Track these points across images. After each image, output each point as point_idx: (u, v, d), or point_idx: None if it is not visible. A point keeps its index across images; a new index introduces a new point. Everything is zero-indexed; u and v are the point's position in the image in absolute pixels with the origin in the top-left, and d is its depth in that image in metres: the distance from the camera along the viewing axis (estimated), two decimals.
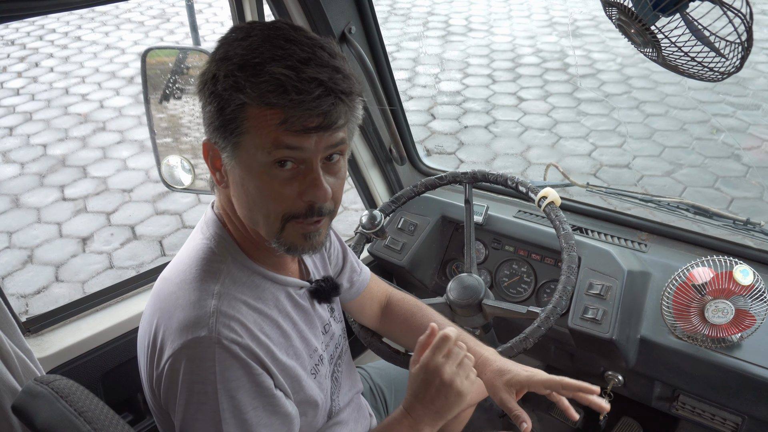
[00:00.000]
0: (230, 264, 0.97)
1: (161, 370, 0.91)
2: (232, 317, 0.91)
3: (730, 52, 1.02)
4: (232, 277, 0.96)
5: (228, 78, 0.84)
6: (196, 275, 0.95)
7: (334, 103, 0.84)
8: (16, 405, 1.02)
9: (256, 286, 0.98)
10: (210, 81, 0.87)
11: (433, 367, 1.03)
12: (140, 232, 3.94)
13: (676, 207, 1.70)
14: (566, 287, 1.28)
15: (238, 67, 0.84)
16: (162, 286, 0.99)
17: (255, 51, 0.84)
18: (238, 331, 0.91)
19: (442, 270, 1.86)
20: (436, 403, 1.03)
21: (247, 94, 0.83)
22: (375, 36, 1.73)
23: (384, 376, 1.58)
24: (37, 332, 1.46)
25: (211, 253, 0.97)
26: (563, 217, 1.38)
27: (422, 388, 1.04)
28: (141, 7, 8.19)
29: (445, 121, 5.21)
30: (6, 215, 4.14)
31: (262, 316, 0.96)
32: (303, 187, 0.89)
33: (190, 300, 0.92)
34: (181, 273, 0.96)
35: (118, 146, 4.98)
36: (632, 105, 5.21)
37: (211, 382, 0.87)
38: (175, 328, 0.91)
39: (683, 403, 1.58)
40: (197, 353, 0.88)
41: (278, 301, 1.01)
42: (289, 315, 1.02)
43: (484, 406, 2.20)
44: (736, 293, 1.35)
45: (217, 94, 0.86)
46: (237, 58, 0.84)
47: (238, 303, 0.93)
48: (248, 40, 0.86)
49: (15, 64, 6.65)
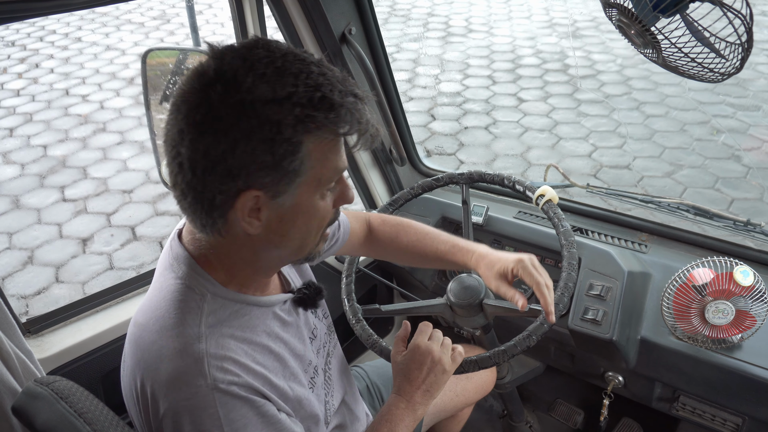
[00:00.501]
0: (210, 300, 0.91)
1: (159, 423, 0.87)
2: (223, 357, 0.87)
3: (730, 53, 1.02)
4: (214, 314, 0.91)
5: (299, 120, 0.79)
6: (176, 320, 0.89)
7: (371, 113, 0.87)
8: (16, 406, 1.01)
9: (242, 315, 0.94)
10: (265, 127, 0.78)
11: (425, 348, 1.16)
12: (140, 233, 3.94)
13: (676, 208, 1.70)
14: (567, 284, 1.28)
15: (306, 107, 0.79)
16: (139, 333, 0.92)
17: (308, 84, 0.79)
18: (232, 370, 0.87)
19: (442, 270, 1.86)
20: (427, 381, 1.15)
21: (325, 130, 0.81)
22: (375, 37, 1.73)
23: (381, 374, 1.58)
24: (38, 333, 1.46)
25: (187, 292, 0.91)
26: (562, 215, 1.38)
27: (414, 369, 1.15)
28: (141, 8, 8.20)
29: (445, 122, 5.21)
30: (6, 216, 4.14)
31: (252, 346, 0.93)
32: (338, 196, 0.93)
33: (176, 348, 0.87)
34: (160, 319, 0.90)
35: (119, 147, 4.99)
36: (632, 106, 5.21)
37: (218, 427, 0.85)
38: (165, 380, 0.86)
39: (683, 403, 1.57)
40: (197, 404, 0.85)
41: (266, 326, 0.98)
42: (280, 337, 1.00)
43: (485, 406, 2.20)
44: (737, 294, 1.35)
45: (285, 140, 0.79)
46: (297, 97, 0.78)
47: (224, 339, 0.89)
48: (285, 72, 0.79)
49: (15, 65, 6.65)
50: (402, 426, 1.12)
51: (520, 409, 1.95)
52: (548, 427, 2.10)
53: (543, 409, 2.14)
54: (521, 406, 1.95)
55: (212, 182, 0.81)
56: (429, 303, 1.43)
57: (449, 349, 1.19)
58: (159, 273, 0.98)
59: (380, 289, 2.19)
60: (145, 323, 0.92)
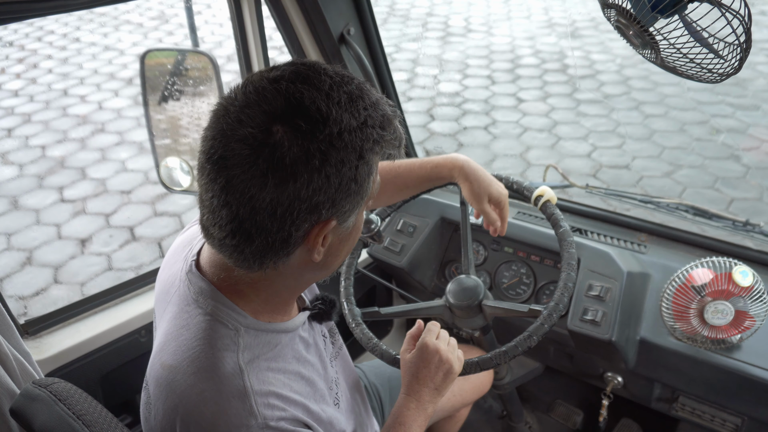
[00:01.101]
0: (243, 334, 0.88)
1: None
2: (267, 393, 0.85)
3: (729, 54, 1.02)
4: (249, 349, 0.87)
5: (377, 143, 0.80)
6: (214, 360, 0.84)
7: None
8: (14, 408, 1.01)
9: (273, 345, 0.91)
10: (354, 155, 0.77)
11: (433, 347, 1.17)
12: (139, 234, 3.93)
13: (675, 208, 1.70)
14: (567, 284, 1.27)
15: (380, 128, 0.80)
16: (172, 377, 0.86)
17: (375, 107, 0.81)
18: (278, 405, 0.85)
19: (441, 271, 1.86)
20: (435, 379, 1.16)
21: (392, 146, 0.84)
22: (374, 37, 1.73)
23: (379, 375, 1.58)
24: (36, 334, 1.46)
25: (219, 328, 0.87)
26: (560, 215, 1.37)
27: (422, 368, 1.16)
28: (140, 8, 8.19)
29: (445, 122, 5.21)
30: (5, 217, 4.14)
31: (287, 375, 0.91)
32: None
33: (219, 390, 0.83)
34: (195, 360, 0.85)
35: (117, 148, 4.98)
36: (631, 106, 5.21)
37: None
38: (212, 424, 0.82)
39: (683, 404, 1.57)
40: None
41: (294, 351, 0.96)
42: (306, 360, 0.98)
43: (484, 407, 2.20)
44: (736, 294, 1.35)
45: (365, 162, 0.79)
46: (372, 121, 0.79)
47: (263, 373, 0.86)
48: (355, 98, 0.79)
49: (13, 66, 6.64)
50: (415, 426, 1.13)
51: (520, 410, 1.95)
52: (547, 427, 2.09)
53: (542, 409, 2.14)
54: (520, 407, 1.95)
55: (292, 221, 0.78)
56: (428, 305, 1.43)
57: (455, 349, 1.20)
58: (179, 309, 0.92)
59: (379, 290, 2.18)
60: (177, 365, 0.86)
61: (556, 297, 1.26)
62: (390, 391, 1.56)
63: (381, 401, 1.54)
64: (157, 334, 0.97)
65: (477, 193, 1.33)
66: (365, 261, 1.96)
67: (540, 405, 2.15)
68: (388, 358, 1.34)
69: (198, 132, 1.63)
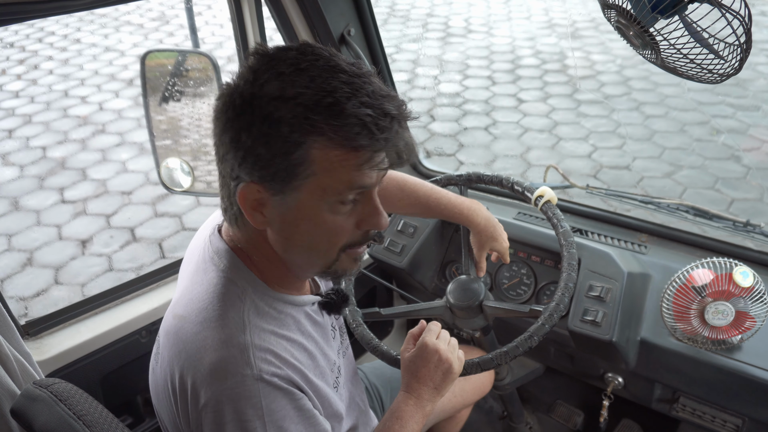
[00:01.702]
0: (251, 294, 0.93)
1: (199, 414, 0.87)
2: (267, 349, 0.89)
3: (729, 54, 1.02)
4: (256, 308, 0.93)
5: (299, 121, 0.79)
6: (221, 312, 0.90)
7: (408, 135, 0.84)
8: (14, 408, 1.01)
9: (279, 312, 0.96)
10: (263, 121, 0.80)
11: (432, 346, 1.16)
12: (140, 235, 3.94)
13: (676, 209, 1.70)
14: (568, 284, 1.27)
15: (309, 109, 0.79)
16: (180, 325, 0.93)
17: (322, 88, 0.79)
18: (275, 362, 0.89)
19: (441, 272, 1.86)
20: (434, 378, 1.16)
21: (329, 138, 0.80)
22: (374, 38, 1.73)
23: (379, 375, 1.59)
24: (37, 335, 1.46)
25: (229, 285, 0.93)
26: (561, 215, 1.38)
27: (422, 367, 1.16)
28: (141, 9, 8.19)
29: (445, 122, 5.21)
30: (5, 218, 4.14)
31: (290, 342, 0.95)
32: (362, 217, 0.90)
33: (220, 339, 0.88)
34: (203, 311, 0.91)
35: (118, 149, 4.98)
36: (632, 106, 5.21)
37: (259, 417, 0.86)
38: (209, 371, 0.86)
39: (683, 405, 1.57)
40: (241, 393, 0.86)
41: (299, 324, 1.00)
42: (311, 335, 1.02)
43: (484, 408, 2.20)
44: (736, 295, 1.35)
45: (281, 137, 0.80)
46: (304, 98, 0.79)
47: (267, 334, 0.91)
48: (304, 74, 0.80)
49: (14, 67, 6.65)
50: (412, 422, 1.13)
51: (520, 411, 1.95)
52: (548, 428, 2.09)
53: (543, 410, 2.14)
54: (521, 408, 1.95)
55: (226, 169, 0.86)
56: (429, 305, 1.43)
57: (456, 349, 1.20)
58: (197, 266, 0.99)
59: (379, 291, 2.19)
60: (187, 315, 0.93)
61: (557, 297, 1.26)
62: (391, 393, 1.57)
63: (382, 402, 1.55)
64: (176, 291, 1.06)
65: (481, 244, 1.45)
66: (366, 261, 1.96)
67: (541, 406, 2.15)
68: (388, 359, 1.34)
69: (198, 133, 1.63)
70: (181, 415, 0.92)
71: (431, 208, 1.42)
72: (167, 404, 0.95)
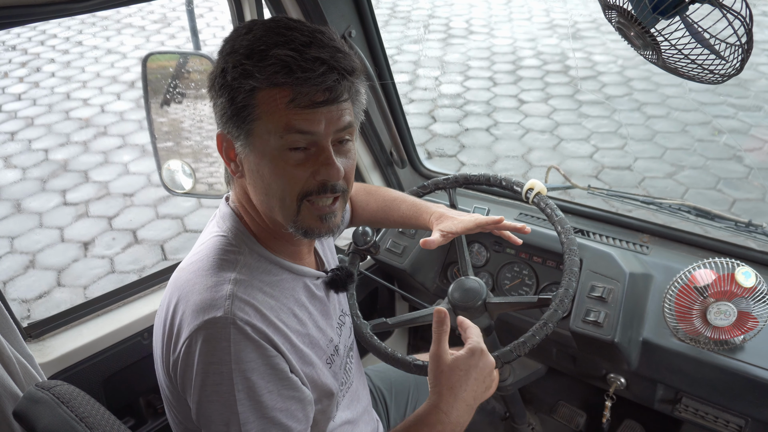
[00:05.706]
0: (247, 255, 1.00)
1: (178, 354, 0.93)
2: (248, 302, 0.93)
3: (730, 55, 1.02)
4: (248, 267, 0.98)
5: (236, 68, 0.90)
6: (213, 264, 0.98)
7: (337, 79, 0.90)
8: (17, 411, 1.02)
9: (273, 275, 1.01)
10: (219, 75, 0.92)
11: (479, 350, 1.06)
12: (142, 237, 3.94)
13: (677, 209, 1.70)
14: (572, 268, 1.27)
15: (244, 57, 0.89)
16: (178, 275, 1.02)
17: (259, 40, 0.89)
18: (252, 314, 0.93)
19: (443, 273, 1.86)
20: (478, 388, 1.04)
21: (256, 79, 0.88)
22: (375, 39, 1.73)
23: (384, 379, 1.59)
24: (39, 337, 1.46)
25: (227, 245, 1.01)
26: (554, 204, 1.38)
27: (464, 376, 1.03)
28: (142, 11, 8.21)
29: (446, 123, 5.21)
30: (8, 220, 4.15)
31: (279, 304, 0.99)
32: (316, 167, 0.94)
33: (207, 284, 0.95)
34: (198, 262, 0.99)
35: (120, 151, 4.99)
36: (633, 107, 5.21)
37: (226, 363, 0.89)
38: (192, 310, 0.93)
39: (686, 405, 1.57)
40: (213, 333, 0.90)
41: (294, 292, 1.04)
42: (305, 306, 1.05)
43: (487, 408, 2.20)
44: (739, 295, 1.35)
45: (227, 85, 0.91)
46: (243, 49, 0.90)
47: (254, 290, 0.96)
48: (251, 33, 0.91)
49: (16, 70, 6.66)
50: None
51: (522, 411, 1.94)
52: (550, 429, 2.09)
53: (545, 411, 2.14)
54: (523, 408, 1.95)
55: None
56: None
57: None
58: (207, 230, 1.08)
59: (381, 292, 2.19)
60: (185, 266, 1.02)
61: (564, 282, 1.26)
62: (395, 396, 1.57)
63: (386, 405, 1.55)
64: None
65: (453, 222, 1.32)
66: (367, 263, 1.96)
67: (543, 406, 2.15)
68: (405, 366, 1.33)
69: (200, 134, 1.64)
70: (164, 359, 0.98)
71: (393, 210, 1.41)
72: (161, 350, 1.00)
